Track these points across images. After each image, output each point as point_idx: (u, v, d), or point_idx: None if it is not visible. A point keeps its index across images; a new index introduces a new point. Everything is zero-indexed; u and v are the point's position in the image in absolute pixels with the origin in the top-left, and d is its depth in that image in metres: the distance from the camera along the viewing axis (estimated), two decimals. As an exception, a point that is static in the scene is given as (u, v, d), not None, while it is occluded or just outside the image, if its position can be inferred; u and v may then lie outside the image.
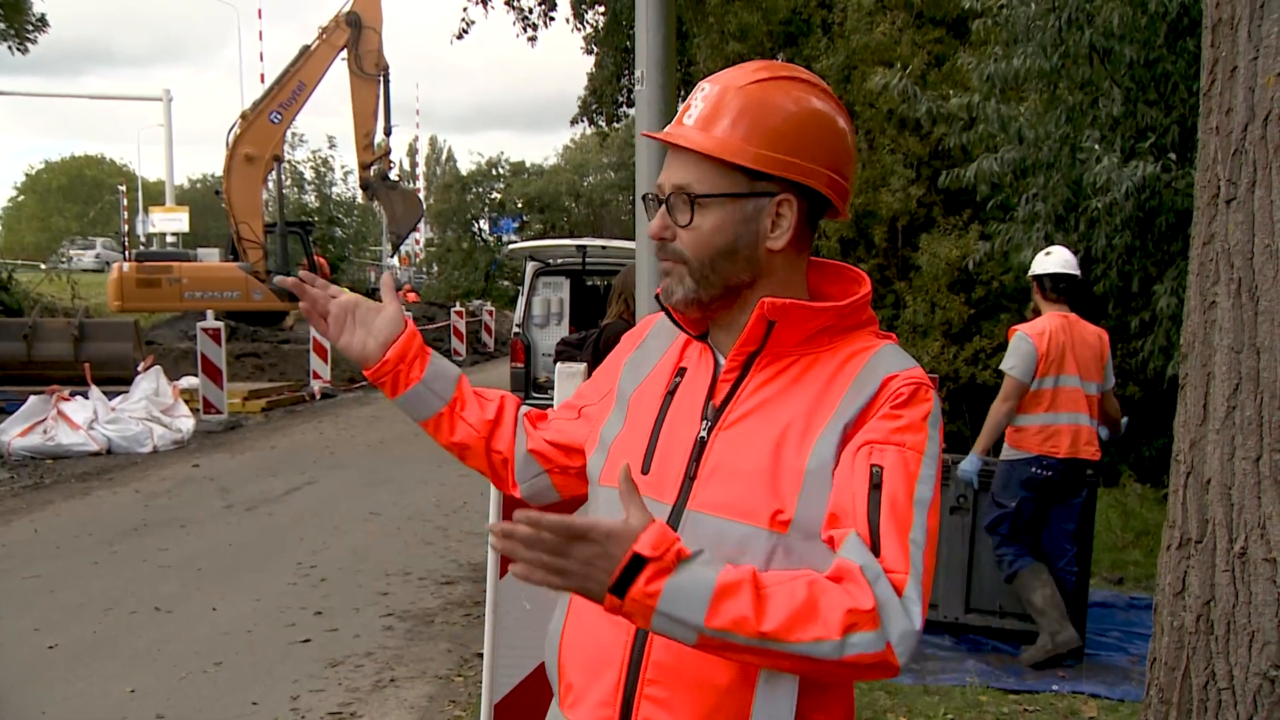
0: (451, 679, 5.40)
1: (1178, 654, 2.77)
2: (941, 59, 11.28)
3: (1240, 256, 2.61)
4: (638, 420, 1.66)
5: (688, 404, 1.63)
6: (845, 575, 1.38)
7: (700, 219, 1.54)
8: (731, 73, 1.58)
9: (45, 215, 76.31)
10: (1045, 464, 5.44)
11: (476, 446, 1.86)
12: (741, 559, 1.46)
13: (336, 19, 22.95)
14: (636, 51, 3.55)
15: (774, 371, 1.58)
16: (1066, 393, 5.45)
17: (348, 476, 10.85)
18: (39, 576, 7.03)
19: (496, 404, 1.87)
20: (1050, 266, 5.63)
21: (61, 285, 25.04)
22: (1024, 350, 5.45)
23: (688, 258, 1.57)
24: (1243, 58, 2.61)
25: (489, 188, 49.45)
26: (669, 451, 1.60)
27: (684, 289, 1.58)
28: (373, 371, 1.80)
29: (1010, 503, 5.50)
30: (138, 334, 15.61)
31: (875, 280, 11.64)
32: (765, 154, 1.51)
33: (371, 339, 1.80)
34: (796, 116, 1.53)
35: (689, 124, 1.55)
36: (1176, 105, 7.33)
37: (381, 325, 1.80)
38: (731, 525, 1.51)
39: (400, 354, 1.80)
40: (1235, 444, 2.62)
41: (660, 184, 1.59)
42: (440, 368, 1.84)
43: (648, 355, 1.75)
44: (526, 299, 12.33)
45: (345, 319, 1.81)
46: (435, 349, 1.84)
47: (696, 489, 1.56)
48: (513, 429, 1.86)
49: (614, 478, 1.54)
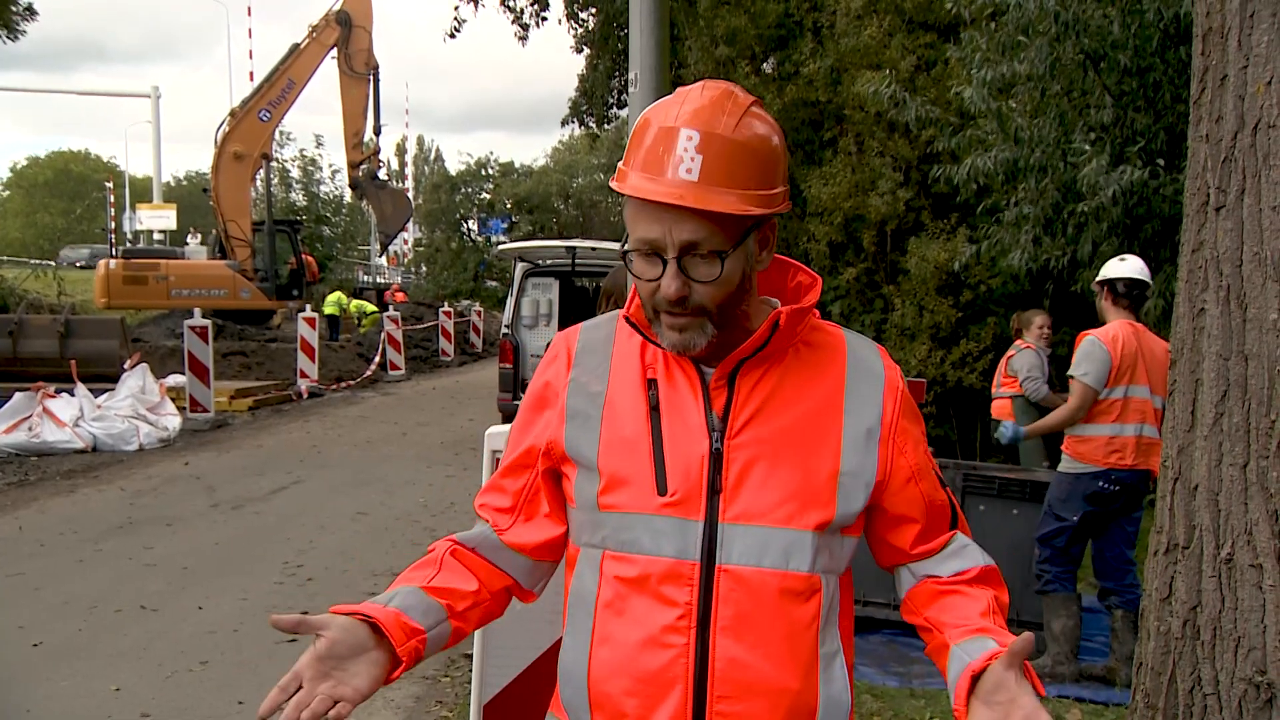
0: (439, 680, 5.39)
1: (1164, 659, 2.78)
2: (931, 63, 11.31)
3: (1229, 264, 2.63)
4: (624, 438, 1.62)
5: (682, 416, 1.61)
6: (988, 576, 1.70)
7: (727, 271, 1.54)
8: (707, 116, 1.52)
9: (31, 211, 75.95)
10: (1112, 478, 5.22)
11: (492, 606, 1.74)
12: (790, 562, 1.56)
13: (327, 17, 22.94)
14: (630, 55, 3.56)
15: (760, 373, 1.62)
16: (1135, 403, 5.23)
17: (335, 476, 10.83)
18: (24, 574, 6.99)
19: (464, 565, 1.72)
20: (1125, 271, 5.42)
21: (48, 281, 24.94)
22: (1098, 356, 5.22)
23: (710, 310, 1.56)
24: (1233, 66, 2.62)
25: (478, 188, 49.51)
26: (682, 468, 1.58)
27: (707, 336, 1.57)
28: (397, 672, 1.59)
29: (1072, 516, 5.28)
30: (124, 331, 15.56)
31: (863, 284, 11.72)
32: (766, 194, 1.54)
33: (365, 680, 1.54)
34: (769, 148, 1.56)
35: (688, 178, 1.48)
36: (1165, 112, 7.37)
37: (365, 669, 1.54)
38: (776, 533, 1.56)
39: (408, 655, 1.58)
40: (1223, 450, 2.64)
41: (655, 240, 1.52)
42: (420, 612, 1.62)
43: (592, 372, 1.69)
44: (515, 300, 12.32)
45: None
46: (423, 349, 1.78)
47: (726, 502, 1.57)
48: (497, 568, 1.74)
49: (619, 502, 1.59)
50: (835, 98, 11.90)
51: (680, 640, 1.54)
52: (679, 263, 1.52)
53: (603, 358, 1.70)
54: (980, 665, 1.46)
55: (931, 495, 1.68)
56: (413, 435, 13.96)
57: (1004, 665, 1.42)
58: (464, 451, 12.42)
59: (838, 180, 11.42)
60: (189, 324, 14.46)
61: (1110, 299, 5.45)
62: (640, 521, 1.58)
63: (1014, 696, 1.41)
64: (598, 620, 1.61)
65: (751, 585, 1.55)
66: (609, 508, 1.61)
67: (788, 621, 1.56)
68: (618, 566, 1.60)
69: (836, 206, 11.43)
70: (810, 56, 11.96)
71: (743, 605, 1.54)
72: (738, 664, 1.53)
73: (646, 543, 1.58)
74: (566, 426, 1.66)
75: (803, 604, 1.56)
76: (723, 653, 1.54)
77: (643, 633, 1.56)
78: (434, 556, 1.73)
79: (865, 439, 1.62)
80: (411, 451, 12.60)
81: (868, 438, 1.62)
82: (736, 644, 1.54)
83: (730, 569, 1.55)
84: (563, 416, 1.67)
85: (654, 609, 1.56)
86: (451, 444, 13.13)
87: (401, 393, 19.74)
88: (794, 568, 1.56)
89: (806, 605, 1.57)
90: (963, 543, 1.70)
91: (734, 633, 1.54)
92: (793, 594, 1.56)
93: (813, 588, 1.57)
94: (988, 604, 1.63)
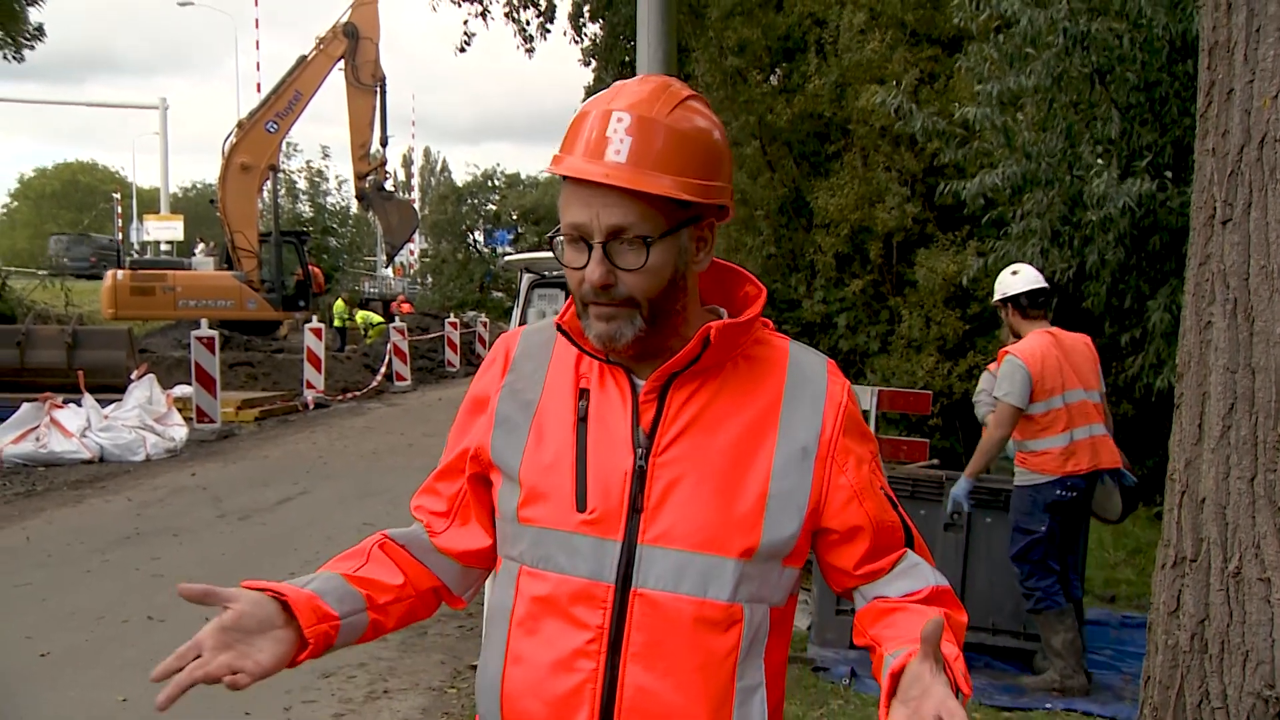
0: (444, 690, 5.39)
1: (1172, 673, 2.78)
2: (934, 76, 11.33)
3: (1236, 277, 2.64)
4: (548, 450, 1.57)
5: (609, 430, 1.55)
6: (940, 597, 1.61)
7: (653, 259, 1.48)
8: (638, 99, 1.49)
9: (39, 222, 76.13)
10: (1069, 484, 5.26)
11: (417, 604, 1.70)
12: (708, 589, 1.49)
13: (334, 29, 23.01)
14: (638, 66, 3.57)
15: (694, 388, 1.55)
16: (1078, 407, 5.28)
17: (341, 487, 10.83)
18: (31, 584, 7.00)
19: (392, 560, 1.69)
20: (1021, 285, 5.47)
21: (55, 292, 25.00)
22: (1019, 376, 5.25)
23: (638, 300, 1.49)
24: (1239, 80, 2.63)
25: (484, 199, 49.55)
26: (603, 484, 1.52)
27: (634, 329, 1.50)
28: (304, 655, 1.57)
29: (1040, 528, 5.30)
30: (131, 342, 15.58)
31: (870, 296, 11.74)
32: (702, 184, 1.49)
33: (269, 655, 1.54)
34: (708, 139, 1.51)
35: (616, 159, 1.45)
36: (1172, 126, 7.37)
37: (271, 646, 1.53)
38: (695, 558, 1.50)
39: (315, 638, 1.56)
40: (1230, 463, 2.64)
41: (582, 224, 1.48)
42: (336, 598, 1.60)
43: (527, 378, 1.64)
44: (521, 311, 12.31)
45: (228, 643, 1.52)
46: (429, 360, 1.77)
47: (646, 523, 1.51)
48: (426, 568, 1.71)
49: (538, 516, 1.54)
50: (840, 112, 11.93)
51: (589, 665, 1.49)
52: (605, 248, 1.47)
53: (539, 364, 1.65)
54: (899, 665, 1.41)
55: (879, 516, 1.59)
56: (419, 446, 13.96)
57: (919, 659, 1.36)
58: (470, 462, 12.41)
59: (844, 192, 11.43)
60: (196, 335, 14.50)
61: (1018, 314, 5.50)
62: (556, 538, 1.53)
63: (926, 688, 1.34)
64: (511, 637, 1.56)
65: (666, 612, 1.49)
66: (527, 521, 1.56)
67: (703, 651, 1.49)
68: (532, 584, 1.55)
69: (843, 218, 11.44)
70: (815, 71, 12.00)
71: (656, 632, 1.49)
72: (646, 693, 1.48)
73: (562, 561, 1.52)
74: (494, 433, 1.62)
75: (719, 634, 1.49)
76: (632, 680, 1.48)
77: (553, 654, 1.52)
78: (362, 548, 1.69)
79: (799, 459, 1.54)
80: (417, 462, 12.59)
81: (802, 457, 1.54)
82: (646, 672, 1.48)
83: (645, 593, 1.49)
84: (491, 422, 1.63)
85: (565, 631, 1.51)
86: (457, 455, 13.12)
87: (407, 404, 19.75)
88: (712, 595, 1.49)
89: (724, 636, 1.50)
90: (913, 561, 1.63)
91: (645, 660, 1.49)
92: (709, 623, 1.49)
93: (732, 618, 1.50)
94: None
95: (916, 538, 1.66)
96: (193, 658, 1.47)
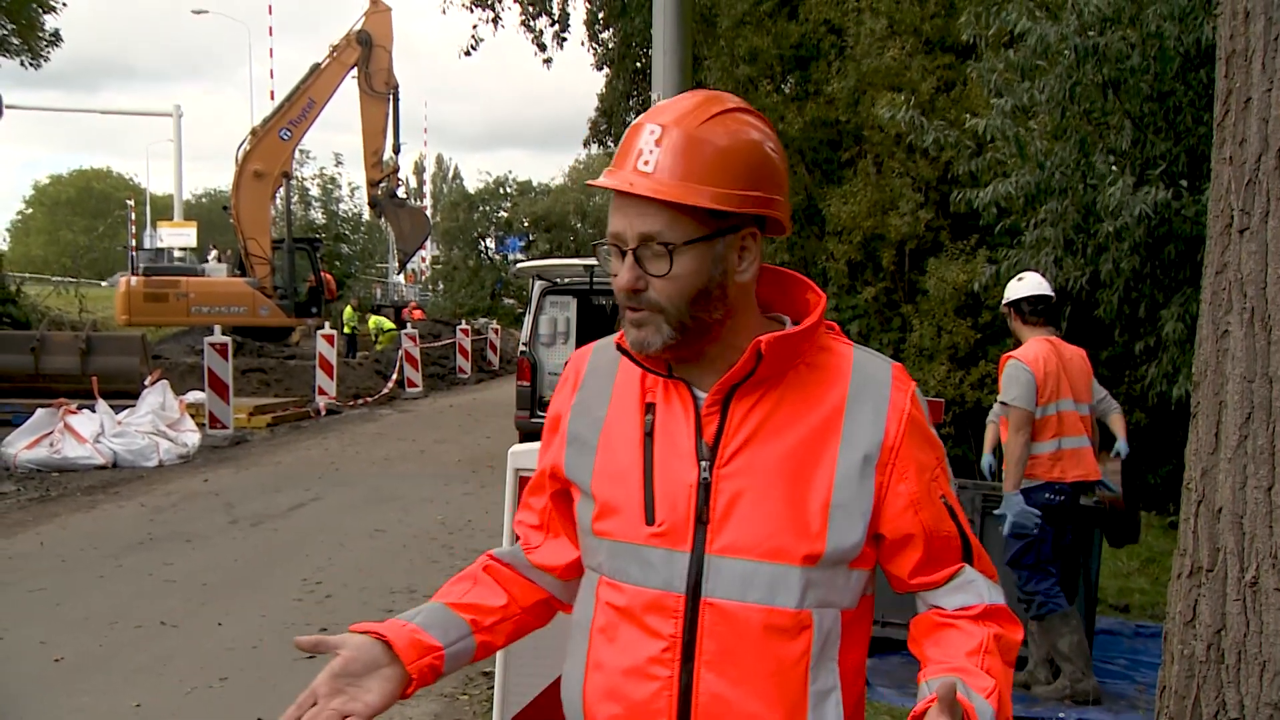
0: (456, 698, 5.39)
1: (1188, 683, 2.77)
2: (951, 84, 11.33)
3: (1253, 286, 2.63)
4: (617, 464, 1.61)
5: (673, 444, 1.58)
6: (994, 614, 1.62)
7: (678, 266, 1.51)
8: (676, 112, 1.53)
9: (54, 229, 76.55)
10: (1056, 489, 5.36)
11: (526, 619, 1.76)
12: (776, 597, 1.52)
13: (348, 37, 23.13)
14: (653, 75, 3.58)
15: (756, 398, 1.57)
16: (1068, 417, 5.37)
17: (353, 493, 10.85)
18: (45, 589, 7.03)
19: (496, 581, 1.75)
20: (1025, 290, 5.54)
21: (70, 299, 25.12)
22: (1023, 379, 5.31)
23: (664, 306, 1.52)
24: (1256, 89, 2.63)
25: (496, 206, 49.68)
26: (670, 497, 1.56)
27: (663, 336, 1.54)
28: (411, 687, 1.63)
29: (1032, 530, 5.33)
30: (145, 348, 15.65)
31: (882, 304, 11.73)
32: (733, 193, 1.50)
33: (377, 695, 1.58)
34: (748, 149, 1.52)
35: (646, 170, 1.49)
36: (1186, 135, 7.36)
37: (379, 685, 1.59)
38: (761, 567, 1.52)
39: (419, 673, 1.62)
40: (1247, 473, 2.63)
41: (619, 233, 1.53)
42: (440, 629, 1.66)
43: (595, 395, 1.68)
44: (533, 318, 12.36)
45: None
46: (441, 367, 1.80)
47: (712, 534, 1.54)
48: (531, 582, 1.77)
49: (611, 529, 1.59)
50: (855, 118, 11.92)
51: (665, 673, 1.53)
52: (635, 254, 1.51)
53: (607, 380, 1.68)
54: (920, 710, 1.44)
55: (934, 526, 1.59)
56: (430, 453, 13.99)
57: (936, 711, 1.39)
58: (481, 469, 12.43)
59: (857, 199, 11.42)
60: (209, 341, 14.54)
61: (1020, 320, 5.57)
62: (629, 550, 1.57)
63: None
64: (592, 645, 1.61)
65: (736, 620, 1.52)
66: (602, 534, 1.60)
67: (774, 658, 1.52)
68: (610, 594, 1.60)
69: (856, 225, 11.43)
70: (832, 77, 12.00)
71: (727, 640, 1.52)
72: (720, 700, 1.51)
73: (635, 572, 1.57)
74: (566, 451, 1.67)
75: (789, 641, 1.52)
76: (706, 687, 1.52)
77: (630, 661, 1.56)
78: (470, 572, 1.77)
79: (862, 466, 1.55)
80: (429, 469, 12.62)
81: (864, 464, 1.55)
82: (720, 679, 1.52)
83: (714, 603, 1.52)
84: (564, 441, 1.68)
85: (641, 639, 1.55)
86: (469, 461, 13.15)
87: (419, 410, 19.78)
88: (780, 604, 1.51)
89: (794, 642, 1.52)
90: (970, 577, 1.63)
91: (718, 667, 1.52)
92: (778, 630, 1.52)
93: (801, 624, 1.52)
94: (980, 642, 1.57)
95: (977, 551, 1.66)
96: (309, 705, 1.54)
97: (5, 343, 15.40)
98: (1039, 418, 5.34)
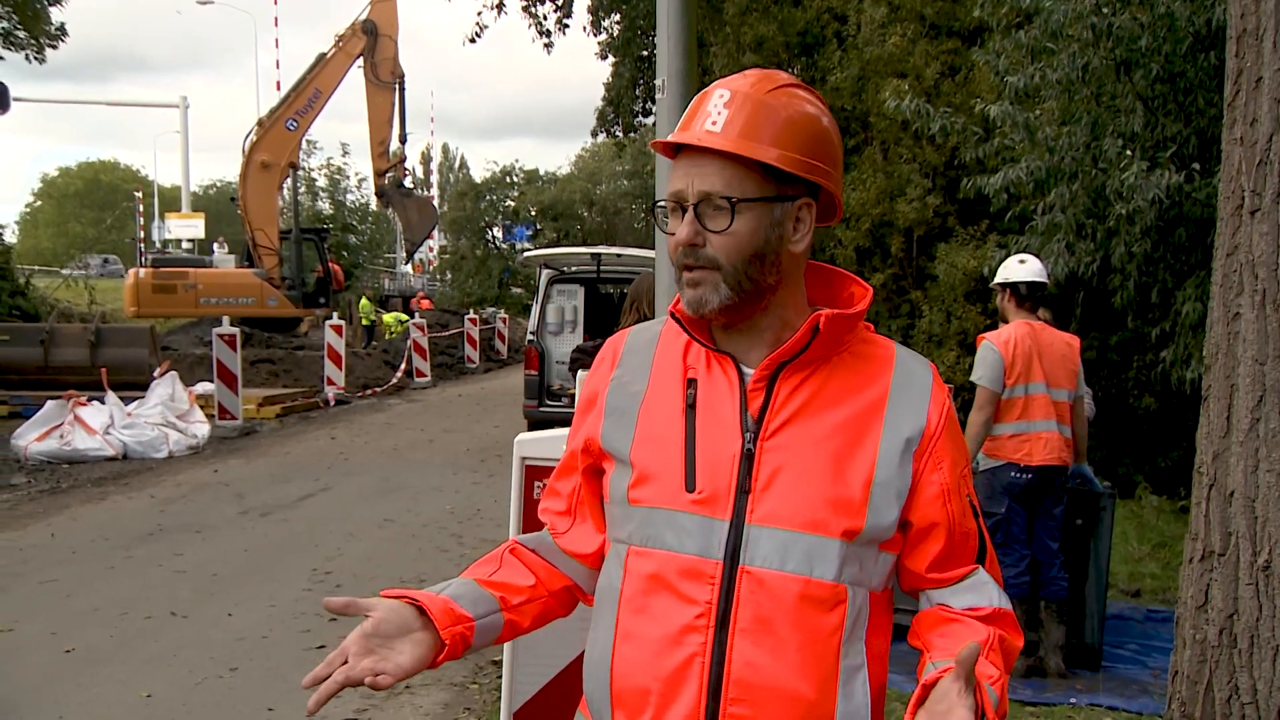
0: (466, 686, 5.40)
1: (1200, 667, 2.75)
2: (955, 69, 11.27)
3: (1265, 268, 2.60)
4: (658, 434, 1.62)
5: (717, 415, 1.60)
6: (999, 618, 1.65)
7: (738, 224, 1.54)
8: (741, 82, 1.59)
9: (62, 221, 76.77)
10: (1021, 469, 5.40)
11: (551, 604, 1.76)
12: (814, 568, 1.53)
13: (353, 27, 23.06)
14: (658, 61, 3.55)
15: (802, 377, 1.60)
16: (1037, 400, 5.42)
17: (362, 483, 10.87)
18: (56, 581, 7.05)
19: (523, 563, 1.76)
20: (1024, 275, 5.57)
21: (78, 291, 25.18)
22: (991, 360, 5.42)
23: (722, 264, 1.56)
24: (1268, 69, 2.60)
25: (503, 195, 49.65)
26: (712, 466, 1.57)
27: (720, 296, 1.57)
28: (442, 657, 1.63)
29: (999, 509, 5.41)
30: (154, 339, 15.69)
31: (891, 290, 11.70)
32: (795, 157, 1.54)
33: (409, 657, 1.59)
34: (810, 121, 1.58)
35: (714, 129, 1.54)
36: (1197, 116, 7.31)
37: (412, 648, 1.59)
38: (800, 537, 1.53)
39: (452, 640, 1.62)
40: (1259, 456, 2.61)
41: (680, 190, 1.57)
42: (470, 601, 1.67)
43: (634, 371, 1.70)
44: (541, 306, 12.35)
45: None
46: (449, 356, 1.80)
47: (754, 503, 1.55)
48: (556, 568, 1.77)
49: (647, 496, 1.59)
50: (860, 105, 11.88)
51: (699, 640, 1.53)
52: (695, 209, 1.55)
53: (645, 357, 1.71)
54: (934, 677, 1.46)
55: (959, 520, 1.63)
56: (439, 442, 14.00)
57: (952, 677, 1.41)
58: (490, 458, 12.45)
59: (865, 186, 11.39)
60: (217, 332, 14.57)
61: (1014, 301, 5.61)
62: (665, 516, 1.57)
63: (952, 705, 1.40)
64: (621, 616, 1.60)
65: (773, 589, 1.52)
66: (637, 501, 1.60)
67: (809, 629, 1.53)
68: (640, 562, 1.59)
69: (864, 212, 11.40)
70: (836, 65, 11.95)
71: (763, 608, 1.52)
72: (754, 668, 1.51)
73: (670, 538, 1.57)
74: (604, 422, 1.68)
75: (825, 613, 1.53)
76: (740, 655, 1.52)
77: (662, 630, 1.55)
78: (495, 555, 1.77)
79: (903, 449, 1.58)
80: (438, 458, 12.63)
81: (905, 448, 1.59)
82: (755, 648, 1.52)
83: (753, 571, 1.53)
84: (601, 414, 1.69)
85: (674, 606, 1.55)
86: (478, 450, 13.16)
87: (427, 399, 19.81)
88: (818, 575, 1.53)
89: (829, 615, 1.53)
90: (983, 579, 1.66)
91: (753, 636, 1.52)
92: (815, 601, 1.53)
93: (837, 597, 1.54)
94: (988, 638, 1.59)
95: (990, 553, 1.69)
96: (340, 664, 1.55)
97: (15, 335, 15.45)
98: (1005, 398, 5.43)
